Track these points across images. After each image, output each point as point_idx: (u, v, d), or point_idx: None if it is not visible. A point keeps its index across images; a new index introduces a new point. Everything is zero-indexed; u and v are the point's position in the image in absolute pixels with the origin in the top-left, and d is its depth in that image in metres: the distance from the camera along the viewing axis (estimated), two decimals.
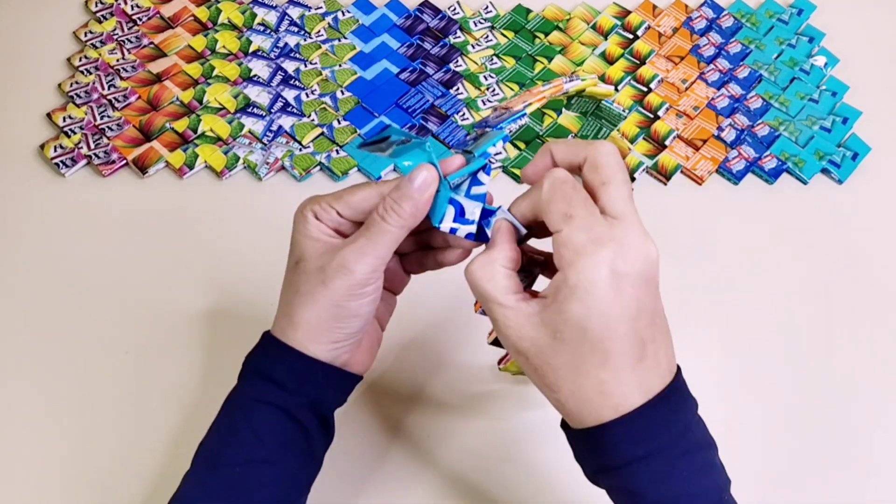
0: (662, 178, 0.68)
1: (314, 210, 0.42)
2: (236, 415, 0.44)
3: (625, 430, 0.37)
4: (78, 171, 0.68)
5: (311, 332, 0.42)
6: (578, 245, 0.35)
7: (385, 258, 0.41)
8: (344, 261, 0.40)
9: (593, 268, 0.35)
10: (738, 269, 0.63)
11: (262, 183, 0.67)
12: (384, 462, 0.54)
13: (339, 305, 0.41)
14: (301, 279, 0.42)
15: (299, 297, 0.42)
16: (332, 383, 0.45)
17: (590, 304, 0.35)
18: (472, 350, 0.58)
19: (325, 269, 0.41)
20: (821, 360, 0.59)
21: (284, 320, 0.43)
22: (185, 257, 0.63)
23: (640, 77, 0.73)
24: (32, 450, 0.55)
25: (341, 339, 0.43)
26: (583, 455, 0.40)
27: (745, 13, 0.78)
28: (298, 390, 0.43)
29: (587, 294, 0.35)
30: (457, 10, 0.78)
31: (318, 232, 0.42)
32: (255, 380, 0.44)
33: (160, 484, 0.53)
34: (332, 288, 0.41)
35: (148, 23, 0.76)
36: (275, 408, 0.43)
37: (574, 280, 0.35)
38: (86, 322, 0.60)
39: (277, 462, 0.43)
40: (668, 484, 0.37)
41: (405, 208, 0.40)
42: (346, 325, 0.42)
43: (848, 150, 0.69)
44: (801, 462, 0.55)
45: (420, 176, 0.40)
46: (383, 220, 0.40)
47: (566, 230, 0.36)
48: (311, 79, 0.73)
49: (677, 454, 0.37)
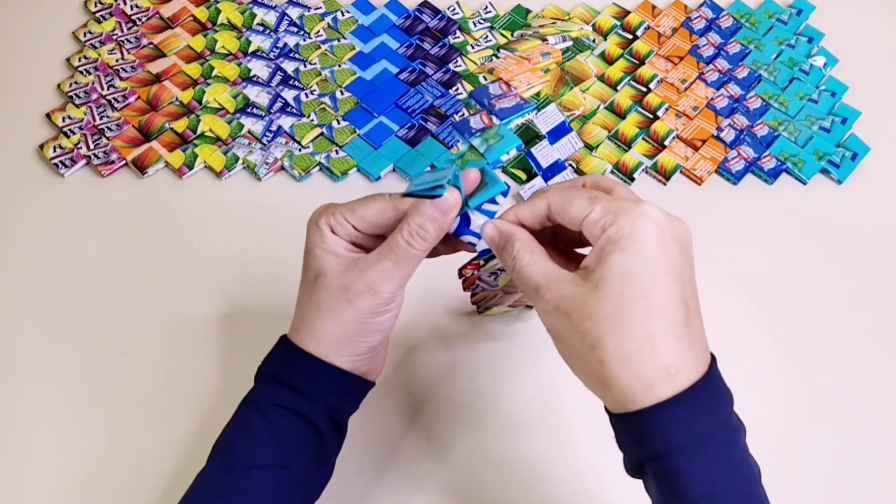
0: (662, 179, 0.68)
1: (330, 224, 0.42)
2: (254, 417, 0.44)
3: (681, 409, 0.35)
4: (77, 172, 0.68)
5: (334, 345, 0.43)
6: (614, 209, 0.37)
7: (409, 276, 0.42)
8: (371, 283, 0.41)
9: (636, 219, 0.36)
10: (737, 269, 0.63)
11: (262, 183, 0.67)
12: (388, 465, 0.54)
13: (364, 322, 0.42)
14: (322, 295, 0.42)
15: (321, 313, 0.42)
16: (351, 391, 0.45)
17: (634, 250, 0.35)
18: (471, 346, 0.59)
19: (350, 288, 0.41)
20: (820, 360, 0.59)
21: (305, 332, 0.43)
22: (184, 257, 0.63)
23: (639, 77, 0.73)
24: (34, 451, 0.55)
25: (363, 353, 0.44)
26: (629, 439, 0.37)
27: (745, 13, 0.78)
28: (318, 397, 0.43)
29: (632, 242, 0.35)
30: (456, 11, 0.78)
31: (336, 247, 0.42)
32: (273, 384, 0.44)
33: (170, 485, 0.53)
34: (359, 307, 0.41)
35: (147, 23, 0.76)
36: (293, 413, 0.43)
37: (615, 234, 0.36)
38: (85, 322, 0.60)
39: (293, 468, 0.43)
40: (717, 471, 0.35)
41: (430, 232, 0.41)
42: (369, 339, 0.43)
43: (847, 151, 0.69)
44: (801, 462, 0.55)
45: (443, 202, 0.40)
46: (410, 245, 0.40)
47: (598, 206, 0.37)
48: (310, 79, 0.73)
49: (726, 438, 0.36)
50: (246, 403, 0.45)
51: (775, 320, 0.61)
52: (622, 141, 0.69)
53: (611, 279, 0.35)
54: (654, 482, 0.36)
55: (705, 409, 0.35)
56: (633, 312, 0.35)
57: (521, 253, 0.40)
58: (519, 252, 0.40)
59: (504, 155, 0.41)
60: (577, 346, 0.37)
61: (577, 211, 0.38)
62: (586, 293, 0.36)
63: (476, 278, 0.48)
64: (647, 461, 0.36)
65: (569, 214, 0.39)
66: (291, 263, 0.62)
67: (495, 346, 0.48)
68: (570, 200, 0.39)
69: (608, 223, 0.36)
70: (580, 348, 0.36)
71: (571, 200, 0.39)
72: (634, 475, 0.39)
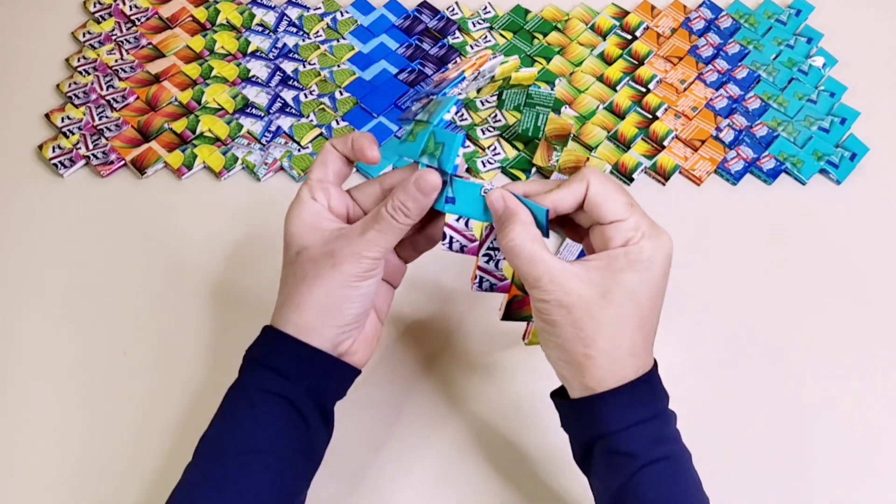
0: (661, 179, 0.68)
1: (310, 189, 0.45)
2: (239, 404, 0.44)
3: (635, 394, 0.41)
4: (76, 172, 0.68)
5: (322, 315, 0.44)
6: (645, 229, 0.42)
7: (392, 245, 0.44)
8: (356, 249, 0.43)
9: (657, 248, 0.41)
10: (736, 269, 0.63)
11: (261, 183, 0.67)
12: (381, 450, 0.54)
13: (350, 286, 0.43)
14: (307, 265, 0.44)
15: (307, 282, 0.44)
16: (332, 373, 0.45)
17: (645, 277, 0.41)
18: (465, 337, 0.59)
19: (335, 253, 0.43)
20: (820, 360, 0.59)
21: (288, 308, 0.44)
22: (183, 257, 0.63)
23: (638, 78, 0.73)
24: (33, 449, 0.55)
25: (350, 322, 0.45)
26: (580, 422, 0.43)
27: (744, 14, 0.78)
28: (299, 378, 0.44)
29: (647, 269, 0.41)
30: (455, 11, 0.78)
31: (314, 215, 0.45)
32: (256, 370, 0.45)
33: (162, 480, 0.53)
34: (343, 270, 0.43)
35: (146, 23, 0.76)
36: (277, 396, 0.43)
37: (635, 255, 0.41)
38: (84, 322, 0.60)
39: (280, 452, 0.43)
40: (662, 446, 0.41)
41: (412, 209, 0.43)
42: (355, 305, 0.44)
43: (846, 151, 0.69)
44: (802, 464, 0.55)
45: (427, 182, 0.43)
46: (393, 218, 0.43)
47: (632, 218, 0.42)
48: (309, 79, 0.73)
49: (665, 419, 0.42)
50: (230, 392, 0.45)
51: (774, 321, 0.61)
52: (621, 141, 0.69)
53: (618, 293, 0.40)
54: (602, 460, 0.41)
55: (650, 399, 0.42)
56: (628, 323, 0.41)
57: (523, 237, 0.41)
58: (520, 236, 0.42)
59: (446, 113, 0.43)
60: (568, 336, 0.41)
61: (614, 211, 0.42)
62: (592, 297, 0.40)
63: (476, 267, 0.47)
64: (599, 438, 0.41)
65: (603, 208, 0.42)
66: None
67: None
68: (611, 195, 0.42)
69: (633, 239, 0.41)
70: (571, 339, 0.41)
71: (612, 195, 0.42)
72: (582, 463, 0.44)
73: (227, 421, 0.44)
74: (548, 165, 0.65)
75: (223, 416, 0.44)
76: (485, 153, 0.68)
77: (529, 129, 0.66)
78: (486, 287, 0.48)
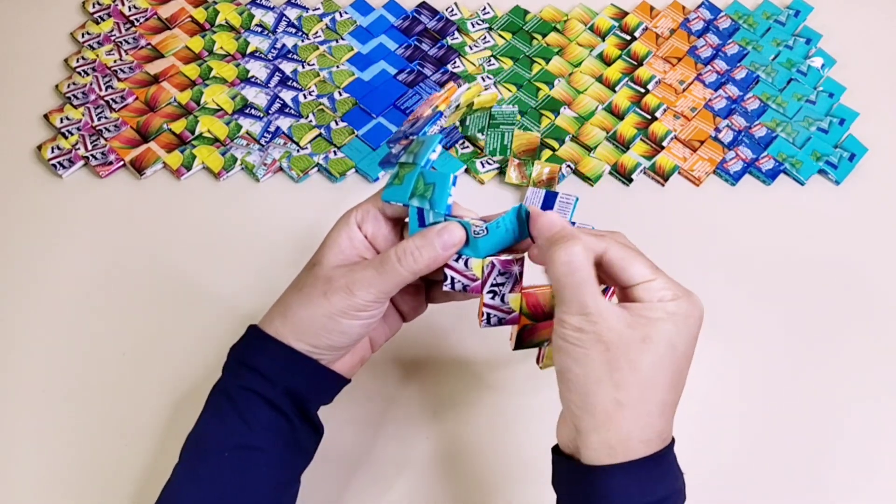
0: (660, 180, 0.68)
1: (356, 216, 0.44)
2: (222, 402, 0.44)
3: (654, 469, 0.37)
4: (75, 172, 0.67)
5: (298, 329, 0.43)
6: (677, 290, 0.39)
7: (390, 293, 0.43)
8: (350, 283, 0.42)
9: (692, 306, 0.39)
10: (735, 269, 0.63)
11: (260, 184, 0.67)
12: (373, 454, 0.54)
13: (332, 318, 0.43)
14: (308, 281, 0.44)
15: (298, 295, 0.44)
16: (311, 377, 0.45)
17: (683, 331, 0.38)
18: (468, 345, 0.59)
19: (332, 281, 0.42)
20: (819, 360, 0.59)
21: (276, 312, 0.45)
22: (182, 258, 0.63)
23: (637, 78, 0.73)
24: (29, 448, 0.55)
25: (322, 347, 0.44)
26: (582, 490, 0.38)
27: (743, 14, 0.78)
28: (276, 379, 0.44)
29: (684, 323, 0.38)
30: (454, 12, 0.78)
31: (349, 245, 0.44)
32: (238, 369, 0.45)
33: (155, 479, 0.53)
34: (332, 301, 0.42)
35: (145, 24, 0.76)
36: (257, 396, 0.43)
37: (674, 309, 0.38)
38: (83, 323, 0.60)
39: (266, 449, 0.43)
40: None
41: (423, 258, 0.42)
42: (332, 338, 0.43)
43: (845, 151, 0.69)
44: (805, 467, 0.55)
45: (450, 237, 0.42)
46: (399, 262, 0.42)
47: (661, 279, 0.39)
48: (308, 80, 0.73)
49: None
50: (213, 390, 0.45)
51: (774, 321, 0.61)
52: (620, 142, 0.69)
53: (658, 341, 0.37)
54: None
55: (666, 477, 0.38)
56: (662, 378, 0.37)
57: (582, 258, 0.38)
58: (580, 256, 0.38)
59: (431, 153, 0.41)
60: (601, 376, 0.37)
61: (639, 273, 0.39)
62: (634, 338, 0.37)
63: (482, 304, 0.45)
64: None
65: (627, 272, 0.39)
66: (290, 263, 0.62)
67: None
68: (631, 259, 0.39)
69: (668, 297, 0.38)
70: (601, 381, 0.37)
71: (633, 260, 0.39)
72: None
73: (212, 419, 0.44)
74: (522, 182, 0.65)
75: (208, 414, 0.45)
76: (483, 154, 0.68)
77: (497, 150, 0.66)
78: (495, 322, 0.46)
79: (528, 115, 0.70)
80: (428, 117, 0.44)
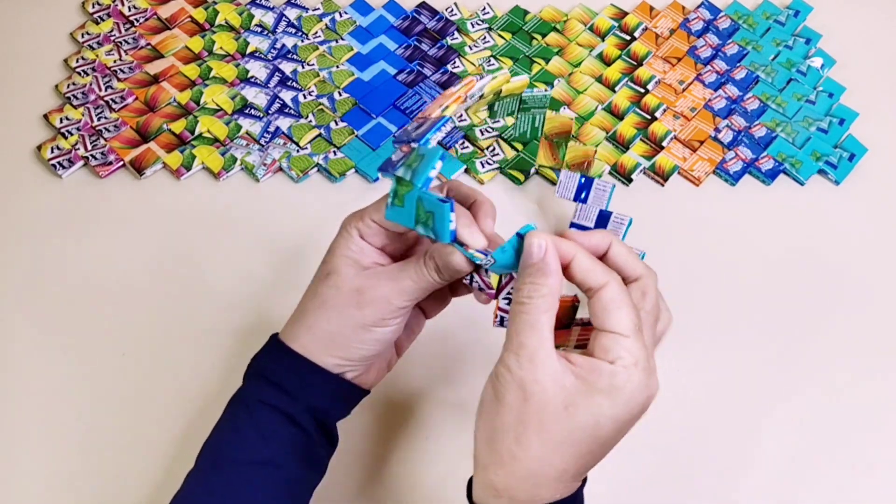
0: (660, 180, 0.68)
1: (359, 228, 0.43)
2: (241, 414, 0.44)
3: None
4: (75, 173, 0.67)
5: (328, 344, 0.43)
6: (642, 361, 0.36)
7: (421, 297, 0.43)
8: (387, 294, 0.41)
9: (643, 389, 0.36)
10: (735, 269, 0.63)
11: (260, 184, 0.67)
12: (384, 464, 0.54)
13: (366, 329, 0.42)
14: (331, 293, 0.42)
15: (324, 310, 0.42)
16: (335, 393, 0.45)
17: (618, 412, 0.36)
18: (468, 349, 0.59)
19: (364, 293, 0.42)
20: (819, 360, 0.59)
21: (300, 326, 0.43)
22: (182, 258, 0.63)
23: (637, 78, 0.73)
24: (30, 452, 0.55)
25: (356, 359, 0.43)
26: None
27: (742, 14, 0.78)
28: (301, 397, 0.43)
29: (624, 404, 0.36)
30: (454, 12, 0.78)
31: (361, 252, 0.43)
32: (259, 382, 0.44)
33: (163, 484, 0.53)
34: (366, 313, 0.42)
35: (145, 24, 0.76)
36: (277, 411, 0.43)
37: (619, 382, 0.36)
38: (83, 323, 0.60)
39: (281, 465, 0.43)
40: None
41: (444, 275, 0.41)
42: (366, 347, 0.43)
43: (844, 151, 0.69)
44: (807, 468, 0.55)
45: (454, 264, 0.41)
46: (429, 273, 0.41)
47: (636, 342, 0.36)
48: (308, 80, 0.73)
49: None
50: (233, 401, 0.45)
51: (774, 321, 0.61)
52: (620, 142, 0.69)
53: (582, 414, 0.35)
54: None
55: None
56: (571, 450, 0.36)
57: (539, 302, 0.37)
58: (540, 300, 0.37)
59: (431, 171, 0.39)
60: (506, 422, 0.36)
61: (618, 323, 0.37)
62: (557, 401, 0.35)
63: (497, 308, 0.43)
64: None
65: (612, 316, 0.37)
66: (289, 264, 0.62)
67: None
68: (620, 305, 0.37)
69: (628, 362, 0.36)
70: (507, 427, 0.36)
71: (621, 307, 0.37)
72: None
73: (230, 430, 0.44)
74: (554, 164, 0.64)
75: (226, 424, 0.44)
76: (483, 154, 0.68)
77: (527, 133, 0.66)
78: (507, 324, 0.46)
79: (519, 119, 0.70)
80: (433, 122, 0.43)
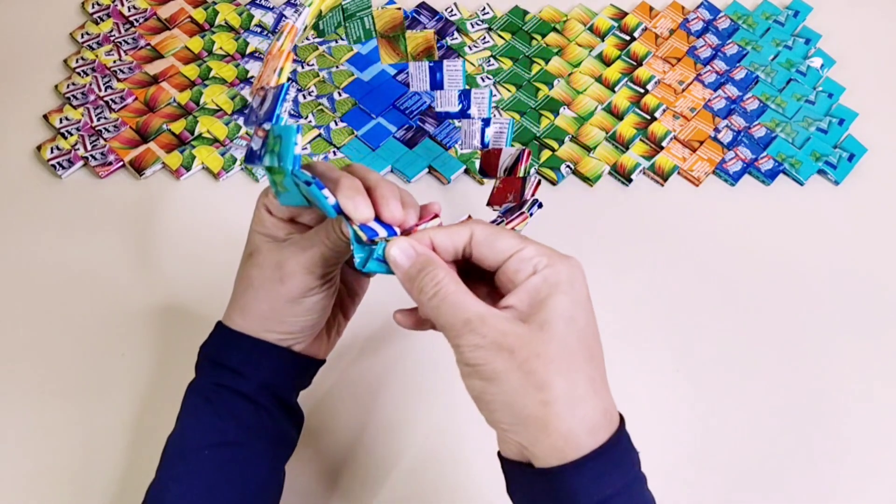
0: (659, 180, 0.68)
1: (266, 204, 0.43)
2: (197, 402, 0.44)
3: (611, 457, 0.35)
4: (75, 173, 0.67)
5: (264, 322, 0.43)
6: (549, 253, 0.37)
7: (340, 261, 0.43)
8: (304, 264, 0.41)
9: (573, 267, 0.36)
10: (735, 269, 0.63)
11: (260, 184, 0.67)
12: (362, 451, 0.54)
13: (296, 302, 0.43)
14: (255, 272, 0.43)
15: (253, 291, 0.43)
16: (286, 367, 0.45)
17: (574, 297, 0.36)
18: None
19: (282, 266, 0.42)
20: (819, 360, 0.59)
21: (235, 309, 0.45)
22: (182, 259, 0.63)
23: (636, 78, 0.73)
24: (26, 450, 0.55)
25: (296, 331, 0.44)
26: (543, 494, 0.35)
27: (742, 15, 0.78)
28: (251, 374, 0.44)
29: (571, 287, 0.36)
30: (454, 12, 0.78)
31: (271, 228, 0.43)
32: (210, 367, 0.45)
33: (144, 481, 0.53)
34: (289, 287, 0.42)
35: (145, 24, 0.76)
36: (232, 392, 0.44)
37: (555, 278, 0.36)
38: (82, 324, 0.60)
39: (244, 444, 0.43)
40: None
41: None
42: (302, 318, 0.44)
43: (844, 152, 0.69)
44: (797, 467, 0.55)
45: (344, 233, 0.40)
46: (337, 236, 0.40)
47: (530, 246, 0.37)
48: (308, 80, 0.73)
49: (640, 486, 0.37)
50: (189, 391, 0.45)
51: (773, 321, 0.61)
52: (620, 142, 0.69)
53: (555, 321, 0.35)
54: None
55: (625, 461, 0.36)
56: (577, 356, 0.35)
57: (447, 281, 0.36)
58: (444, 280, 0.36)
59: (295, 148, 0.37)
60: (517, 385, 0.34)
61: (507, 246, 0.37)
62: (531, 332, 0.35)
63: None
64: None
65: (495, 246, 0.37)
66: None
67: None
68: (497, 234, 0.37)
69: (543, 264, 0.36)
70: (522, 388, 0.34)
71: (498, 234, 0.37)
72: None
73: (189, 419, 0.44)
74: (398, 59, 0.62)
75: (185, 415, 0.45)
76: None
77: (361, 37, 0.62)
78: None
79: (528, 116, 0.70)
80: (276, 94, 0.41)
